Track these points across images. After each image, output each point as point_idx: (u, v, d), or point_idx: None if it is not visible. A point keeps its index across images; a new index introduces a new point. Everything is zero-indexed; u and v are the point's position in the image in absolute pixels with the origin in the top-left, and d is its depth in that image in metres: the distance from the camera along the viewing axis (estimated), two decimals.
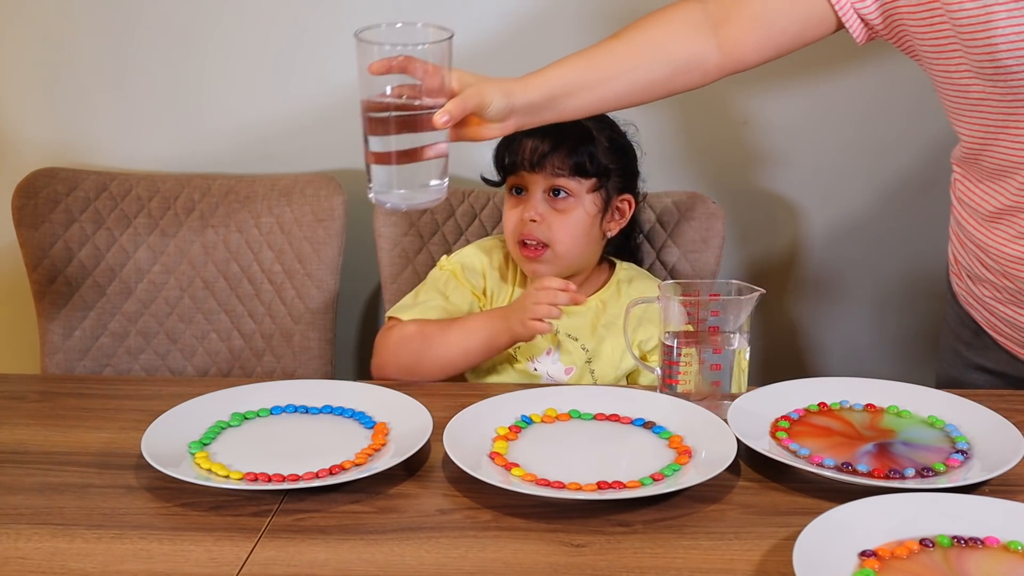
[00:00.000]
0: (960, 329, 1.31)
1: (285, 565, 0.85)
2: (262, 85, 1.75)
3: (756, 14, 1.17)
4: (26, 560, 0.86)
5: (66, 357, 1.69)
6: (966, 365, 1.30)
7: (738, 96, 1.72)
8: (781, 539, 0.87)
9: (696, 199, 1.62)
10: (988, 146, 1.14)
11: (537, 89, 1.12)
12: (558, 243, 1.36)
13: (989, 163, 1.15)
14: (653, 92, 1.19)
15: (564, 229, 1.36)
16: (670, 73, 1.17)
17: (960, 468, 0.98)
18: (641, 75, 1.17)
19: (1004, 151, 1.12)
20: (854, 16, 1.15)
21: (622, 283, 1.45)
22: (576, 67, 1.15)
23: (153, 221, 1.70)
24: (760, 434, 1.05)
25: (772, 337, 1.85)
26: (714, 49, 1.17)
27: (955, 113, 1.16)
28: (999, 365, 1.26)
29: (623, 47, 1.16)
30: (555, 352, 1.39)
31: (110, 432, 1.11)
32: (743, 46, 1.18)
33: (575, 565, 0.84)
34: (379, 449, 1.04)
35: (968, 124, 1.15)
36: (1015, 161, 1.11)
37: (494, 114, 1.09)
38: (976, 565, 0.82)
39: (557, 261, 1.37)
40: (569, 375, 1.39)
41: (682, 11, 1.19)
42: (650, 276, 1.50)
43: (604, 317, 1.41)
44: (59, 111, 1.78)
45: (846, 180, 1.75)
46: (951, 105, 1.16)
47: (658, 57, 1.17)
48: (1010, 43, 1.02)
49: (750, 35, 1.17)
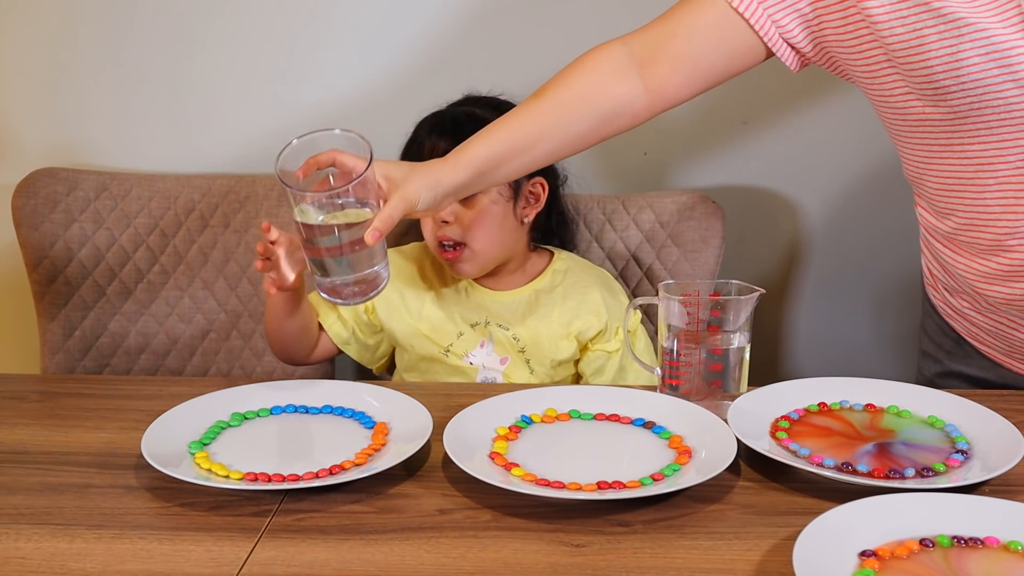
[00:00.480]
0: (941, 339, 1.30)
1: (285, 565, 0.85)
2: (262, 85, 1.75)
3: (682, 53, 1.14)
4: (26, 560, 0.86)
5: (66, 357, 1.69)
6: (947, 373, 1.29)
7: (738, 96, 1.71)
8: (781, 539, 0.87)
9: (696, 199, 1.62)
10: (932, 166, 1.13)
11: (465, 169, 1.11)
12: (474, 240, 1.36)
13: (933, 183, 1.14)
14: (583, 144, 1.17)
15: (477, 225, 1.36)
16: (598, 123, 1.15)
17: (960, 468, 0.98)
18: (569, 132, 1.15)
19: (947, 171, 1.11)
20: (783, 44, 1.13)
21: (558, 273, 1.46)
22: (502, 137, 1.13)
23: (153, 221, 1.70)
24: (760, 434, 1.05)
25: (772, 337, 1.85)
26: (641, 91, 1.15)
27: (896, 135, 1.15)
28: (982, 371, 1.25)
29: (548, 106, 1.14)
30: (488, 343, 1.40)
31: (110, 432, 1.11)
32: (671, 85, 1.15)
33: (575, 565, 0.84)
34: (379, 449, 1.04)
35: (910, 145, 1.14)
36: (961, 179, 1.10)
37: (424, 208, 1.10)
38: (976, 565, 0.82)
39: (477, 258, 1.38)
40: (505, 365, 1.40)
41: (605, 57, 1.16)
42: (589, 265, 1.51)
43: (537, 307, 1.42)
44: (59, 111, 1.78)
45: (846, 179, 1.75)
46: (892, 128, 1.15)
47: (584, 111, 1.15)
48: (945, 64, 1.02)
49: (677, 73, 1.15)
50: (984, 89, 1.02)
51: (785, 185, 1.76)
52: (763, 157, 1.75)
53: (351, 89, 1.75)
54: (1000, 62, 1.00)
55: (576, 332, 1.41)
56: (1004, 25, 0.99)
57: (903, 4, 1.03)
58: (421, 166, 1.11)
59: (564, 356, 1.41)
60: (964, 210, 1.12)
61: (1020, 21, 0.99)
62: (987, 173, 1.08)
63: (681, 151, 1.75)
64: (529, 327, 1.40)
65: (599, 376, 1.42)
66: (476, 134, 1.14)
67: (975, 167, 1.08)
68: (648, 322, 1.64)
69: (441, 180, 1.10)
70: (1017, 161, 1.05)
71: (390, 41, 1.71)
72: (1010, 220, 1.08)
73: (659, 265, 1.62)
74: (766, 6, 1.11)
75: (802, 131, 1.73)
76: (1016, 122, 1.03)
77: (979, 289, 1.15)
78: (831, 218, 1.78)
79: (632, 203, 1.64)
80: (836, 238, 1.79)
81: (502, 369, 1.40)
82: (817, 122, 1.72)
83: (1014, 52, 0.99)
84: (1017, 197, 1.07)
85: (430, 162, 1.13)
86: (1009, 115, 1.03)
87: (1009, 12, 0.99)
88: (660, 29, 1.15)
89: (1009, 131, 1.04)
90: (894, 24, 1.03)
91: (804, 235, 1.79)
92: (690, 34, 1.13)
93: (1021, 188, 1.06)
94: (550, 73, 1.17)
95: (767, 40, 1.12)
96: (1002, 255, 1.10)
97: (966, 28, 0.99)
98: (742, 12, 1.11)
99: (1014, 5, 0.99)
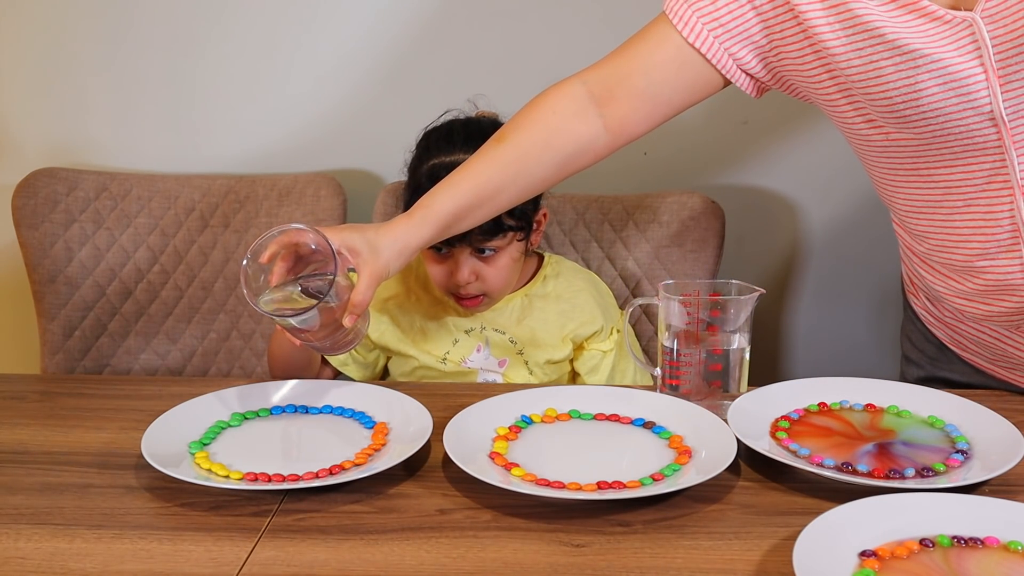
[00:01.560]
0: (924, 345, 1.29)
1: (285, 565, 0.85)
2: (262, 85, 1.75)
3: (640, 89, 1.13)
4: (26, 560, 0.86)
5: (66, 357, 1.69)
6: (931, 379, 1.29)
7: (738, 96, 1.71)
8: (781, 539, 0.87)
9: (696, 199, 1.62)
10: (900, 190, 1.13)
11: (431, 226, 1.11)
12: (493, 290, 1.36)
13: (903, 206, 1.14)
14: (546, 186, 1.18)
15: (497, 277, 1.35)
16: (560, 165, 1.15)
17: (960, 468, 0.98)
18: (533, 176, 1.15)
19: (916, 194, 1.11)
20: (741, 74, 1.13)
21: (548, 278, 1.45)
22: (466, 189, 1.13)
23: (153, 221, 1.70)
24: (760, 434, 1.05)
25: (772, 337, 1.85)
26: (601, 130, 1.15)
27: (864, 158, 1.16)
28: (965, 378, 1.25)
29: (510, 154, 1.14)
30: (485, 348, 1.40)
31: (110, 432, 1.11)
32: (630, 122, 1.15)
33: (575, 565, 0.84)
34: (379, 449, 1.04)
35: (879, 169, 1.14)
36: (929, 202, 1.10)
37: (394, 272, 1.10)
38: (976, 565, 0.82)
39: (494, 300, 1.39)
40: (504, 367, 1.40)
41: (563, 97, 1.15)
42: (576, 267, 1.51)
43: (531, 311, 1.42)
44: (59, 111, 1.78)
45: (846, 179, 1.75)
46: (860, 152, 1.15)
47: (545, 156, 1.14)
48: (903, 95, 1.01)
49: (636, 112, 1.14)
50: (945, 117, 1.01)
51: (785, 185, 1.76)
52: (763, 157, 1.75)
53: (351, 89, 1.75)
54: (958, 91, 0.99)
55: (572, 334, 1.41)
56: (960, 53, 0.98)
57: (857, 37, 1.02)
58: (383, 230, 1.10)
59: (560, 356, 1.41)
60: (935, 232, 1.12)
61: (974, 48, 0.98)
62: (955, 196, 1.08)
63: (681, 151, 1.75)
64: (525, 329, 1.40)
65: (594, 375, 1.42)
66: (438, 185, 1.13)
67: (943, 191, 1.08)
68: (648, 322, 1.64)
69: (409, 243, 1.10)
70: (983, 184, 1.05)
71: (390, 41, 1.71)
72: (980, 242, 1.08)
73: (659, 265, 1.62)
74: (722, 40, 1.10)
75: (802, 131, 1.73)
76: (979, 147, 1.03)
77: (958, 306, 1.15)
78: (831, 218, 1.78)
79: (632, 203, 1.64)
80: (836, 238, 1.79)
81: (501, 371, 1.40)
82: (817, 122, 1.72)
83: (971, 80, 0.99)
84: (986, 218, 1.06)
85: (393, 222, 1.11)
86: (971, 141, 1.03)
87: (963, 40, 0.98)
88: (617, 66, 1.15)
89: (973, 156, 1.04)
90: (851, 56, 1.03)
91: (804, 235, 1.79)
92: (647, 71, 1.13)
93: (989, 210, 1.06)
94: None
95: (724, 72, 1.13)
96: (976, 276, 1.10)
97: (921, 59, 0.99)
98: (698, 47, 1.11)
99: (967, 32, 0.98)
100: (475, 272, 1.34)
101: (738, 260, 1.78)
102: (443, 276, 1.36)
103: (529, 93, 1.18)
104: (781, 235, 1.80)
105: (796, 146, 1.74)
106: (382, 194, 1.64)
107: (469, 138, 1.33)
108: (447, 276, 1.35)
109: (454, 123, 1.39)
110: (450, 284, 1.35)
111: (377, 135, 1.76)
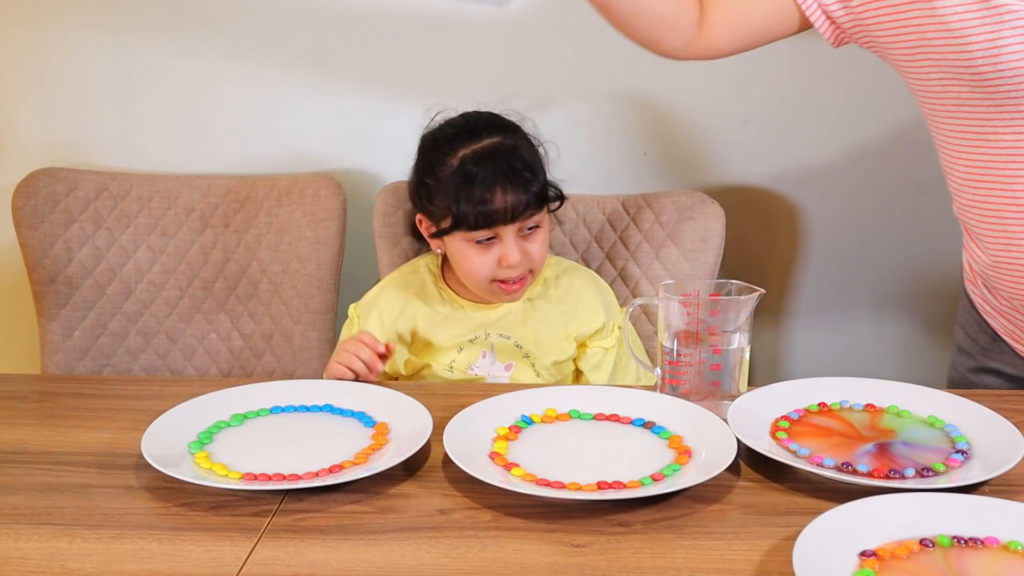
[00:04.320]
0: (977, 334, 1.30)
1: (285, 565, 0.85)
2: (262, 85, 1.75)
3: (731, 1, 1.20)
4: (26, 560, 0.86)
5: (66, 357, 1.69)
6: (981, 369, 1.29)
7: (738, 96, 1.72)
8: (781, 539, 0.87)
9: (696, 199, 1.62)
10: (964, 154, 1.13)
11: None
12: (538, 264, 1.40)
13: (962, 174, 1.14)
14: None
15: (540, 251, 1.39)
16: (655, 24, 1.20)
17: (960, 468, 0.98)
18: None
19: (979, 159, 1.11)
20: (821, 15, 1.17)
21: (550, 280, 1.46)
22: None
23: (153, 221, 1.70)
24: (760, 434, 1.05)
25: (772, 337, 1.85)
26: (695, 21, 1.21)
27: (932, 118, 1.16)
28: (1016, 369, 1.25)
29: None
30: (490, 353, 1.41)
31: (110, 432, 1.11)
32: (715, 30, 1.21)
33: (575, 565, 0.84)
34: (379, 449, 1.04)
35: (945, 129, 1.14)
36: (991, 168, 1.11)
37: None
38: (976, 565, 0.82)
39: (535, 278, 1.42)
40: (510, 371, 1.41)
41: None
42: (575, 265, 1.52)
43: (534, 313, 1.43)
44: (59, 111, 1.78)
45: (846, 179, 1.75)
46: (928, 110, 1.16)
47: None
48: (984, 49, 1.02)
49: (723, 21, 1.21)
50: (1022, 78, 1.02)
51: (785, 185, 1.76)
52: (763, 157, 1.75)
53: (352, 89, 1.75)
54: None
55: (575, 333, 1.41)
56: None
57: None
58: None
59: (565, 356, 1.41)
60: (993, 201, 1.12)
61: None
62: (1017, 163, 1.08)
63: (681, 151, 1.75)
64: (529, 331, 1.41)
65: (597, 372, 1.42)
66: None
67: (1006, 157, 1.09)
68: (648, 322, 1.64)
69: None
70: None
71: (390, 41, 1.71)
72: None
73: (659, 265, 1.62)
74: None
75: (802, 131, 1.73)
76: None
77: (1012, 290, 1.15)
78: (831, 218, 1.78)
79: (632, 203, 1.64)
80: (836, 238, 1.79)
81: (508, 375, 1.40)
82: (817, 122, 1.72)
83: None
84: None
85: None
86: None
87: None
88: None
89: None
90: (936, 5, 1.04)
91: (804, 235, 1.79)
92: None
93: None
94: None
95: (806, 10, 1.16)
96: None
97: (1007, 15, 1.00)
98: None
99: None
100: (521, 250, 1.36)
101: (738, 260, 1.78)
102: (489, 265, 1.36)
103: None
104: (781, 235, 1.80)
105: (796, 146, 1.74)
106: (382, 194, 1.64)
107: (486, 123, 1.37)
108: (493, 264, 1.36)
109: (465, 114, 1.42)
110: (497, 271, 1.37)
111: (377, 135, 1.76)
